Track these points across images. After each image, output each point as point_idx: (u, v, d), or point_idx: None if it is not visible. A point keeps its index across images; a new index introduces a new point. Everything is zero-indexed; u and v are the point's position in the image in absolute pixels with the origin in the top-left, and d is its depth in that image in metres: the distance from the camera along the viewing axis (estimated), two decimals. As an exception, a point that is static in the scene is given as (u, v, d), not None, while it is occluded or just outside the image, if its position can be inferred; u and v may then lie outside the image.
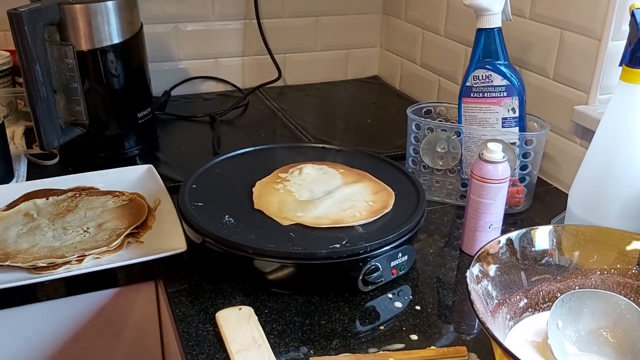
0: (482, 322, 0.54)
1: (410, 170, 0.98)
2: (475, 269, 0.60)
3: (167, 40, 1.40)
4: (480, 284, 0.61)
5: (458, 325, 0.73)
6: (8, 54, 1.21)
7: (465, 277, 0.59)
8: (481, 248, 0.62)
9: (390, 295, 0.77)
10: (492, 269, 0.63)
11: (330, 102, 1.45)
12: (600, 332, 0.64)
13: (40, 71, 0.94)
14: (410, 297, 0.78)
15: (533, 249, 0.66)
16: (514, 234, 0.65)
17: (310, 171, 0.92)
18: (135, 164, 1.08)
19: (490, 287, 0.62)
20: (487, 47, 0.91)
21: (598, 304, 0.65)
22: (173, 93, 1.41)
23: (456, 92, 1.28)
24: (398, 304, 0.76)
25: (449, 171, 0.99)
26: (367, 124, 1.33)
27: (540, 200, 1.01)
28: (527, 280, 0.66)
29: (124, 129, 1.10)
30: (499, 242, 0.64)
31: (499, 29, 0.91)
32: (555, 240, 0.67)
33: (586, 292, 0.65)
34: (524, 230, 0.66)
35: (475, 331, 0.73)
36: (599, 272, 0.68)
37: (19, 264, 0.77)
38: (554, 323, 0.63)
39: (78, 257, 0.79)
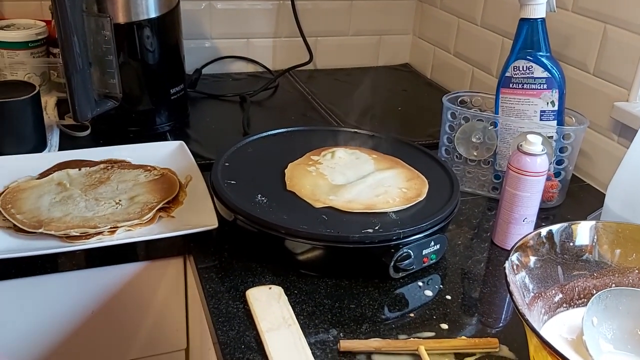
0: (521, 314, 0.53)
1: (443, 159, 0.97)
2: (514, 258, 0.59)
3: (200, 18, 1.40)
4: (517, 275, 0.60)
5: (488, 317, 0.72)
6: (43, 24, 1.22)
7: (504, 267, 0.58)
8: (521, 239, 0.61)
9: (420, 284, 0.77)
10: (531, 261, 0.62)
11: (360, 88, 1.44)
12: (636, 332, 0.63)
13: (77, 43, 0.93)
14: (440, 286, 0.77)
15: (572, 244, 0.65)
16: (555, 227, 0.64)
17: (342, 155, 0.91)
18: (165, 139, 1.09)
19: (527, 280, 0.61)
20: (529, 37, 0.90)
21: (635, 303, 0.64)
22: (203, 72, 1.41)
23: (490, 83, 1.26)
24: (428, 293, 0.75)
25: (482, 162, 0.98)
26: (397, 112, 1.32)
27: (574, 196, 1.00)
28: (564, 275, 0.66)
29: (157, 104, 1.10)
30: (540, 234, 0.63)
31: (543, 20, 0.89)
32: (595, 237, 0.66)
33: (623, 290, 0.64)
34: (565, 224, 0.65)
35: (501, 324, 0.72)
36: (636, 271, 0.67)
37: (52, 232, 0.78)
38: (589, 320, 0.63)
39: (110, 228, 0.79)
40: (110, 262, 0.83)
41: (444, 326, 0.70)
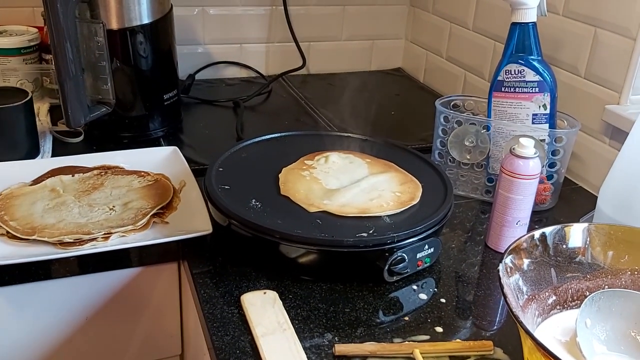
0: (515, 316, 0.53)
1: (436, 163, 0.98)
2: (508, 261, 0.60)
3: (193, 23, 1.40)
4: (511, 278, 0.60)
5: (482, 320, 0.73)
6: (36, 30, 1.22)
7: (497, 270, 0.58)
8: (514, 242, 0.61)
9: (414, 287, 0.77)
10: (524, 263, 0.62)
11: (353, 93, 1.44)
12: (629, 333, 0.63)
13: (70, 49, 0.93)
14: (435, 289, 0.77)
15: (565, 246, 0.66)
16: (548, 230, 0.64)
17: (336, 159, 0.91)
18: (159, 145, 1.09)
19: (521, 282, 0.62)
20: (521, 41, 0.91)
21: (627, 304, 0.64)
22: (197, 77, 1.41)
23: (482, 87, 1.27)
24: (423, 296, 0.76)
25: (475, 165, 0.99)
26: (390, 116, 1.32)
27: (566, 199, 1.00)
28: (557, 277, 0.66)
29: (150, 110, 1.10)
30: (533, 236, 0.63)
31: (534, 24, 0.90)
32: (588, 239, 0.66)
33: (616, 291, 0.65)
34: (558, 226, 0.65)
35: (495, 327, 0.72)
36: (629, 273, 0.67)
37: (46, 239, 0.77)
38: (582, 321, 0.63)
39: (104, 234, 0.79)
40: (104, 268, 0.83)
41: (439, 329, 0.70)
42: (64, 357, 0.87)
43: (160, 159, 1.00)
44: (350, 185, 0.85)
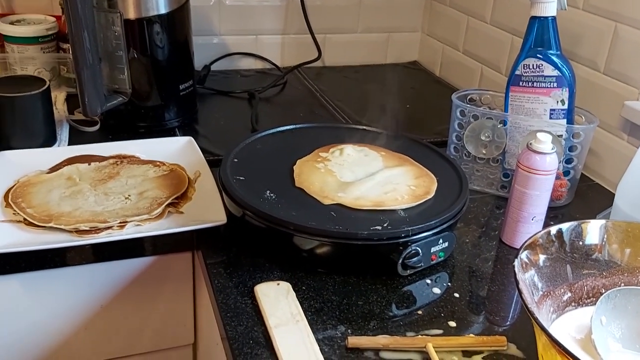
0: (530, 312, 0.53)
1: (451, 157, 0.97)
2: (523, 256, 0.59)
3: (209, 14, 1.40)
4: (527, 273, 0.60)
5: (495, 315, 0.72)
6: (54, 19, 1.22)
7: (513, 265, 0.58)
8: (530, 237, 0.61)
9: (428, 281, 0.77)
10: (540, 259, 0.62)
11: (368, 85, 1.44)
12: (644, 331, 0.63)
13: (88, 38, 0.94)
14: (448, 284, 0.77)
15: (582, 243, 0.65)
16: (564, 226, 0.64)
17: (351, 152, 0.91)
18: (174, 135, 1.09)
19: (536, 278, 0.61)
20: (540, 35, 0.89)
21: (644, 303, 0.63)
22: (212, 68, 1.41)
23: (499, 82, 1.26)
24: (436, 290, 0.75)
25: (491, 160, 0.98)
26: (406, 109, 1.31)
27: (582, 196, 0.99)
28: (573, 273, 0.65)
29: (166, 100, 1.11)
30: (549, 232, 0.63)
31: (554, 18, 0.89)
32: (605, 236, 0.66)
33: (632, 289, 0.64)
34: (574, 223, 0.64)
35: (509, 322, 0.72)
36: (646, 271, 0.67)
37: (62, 226, 0.78)
38: (597, 319, 0.62)
39: (120, 222, 0.79)
40: (119, 256, 0.83)
41: (452, 324, 0.70)
42: (78, 344, 0.88)
43: (175, 149, 1.00)
44: (365, 178, 0.85)
